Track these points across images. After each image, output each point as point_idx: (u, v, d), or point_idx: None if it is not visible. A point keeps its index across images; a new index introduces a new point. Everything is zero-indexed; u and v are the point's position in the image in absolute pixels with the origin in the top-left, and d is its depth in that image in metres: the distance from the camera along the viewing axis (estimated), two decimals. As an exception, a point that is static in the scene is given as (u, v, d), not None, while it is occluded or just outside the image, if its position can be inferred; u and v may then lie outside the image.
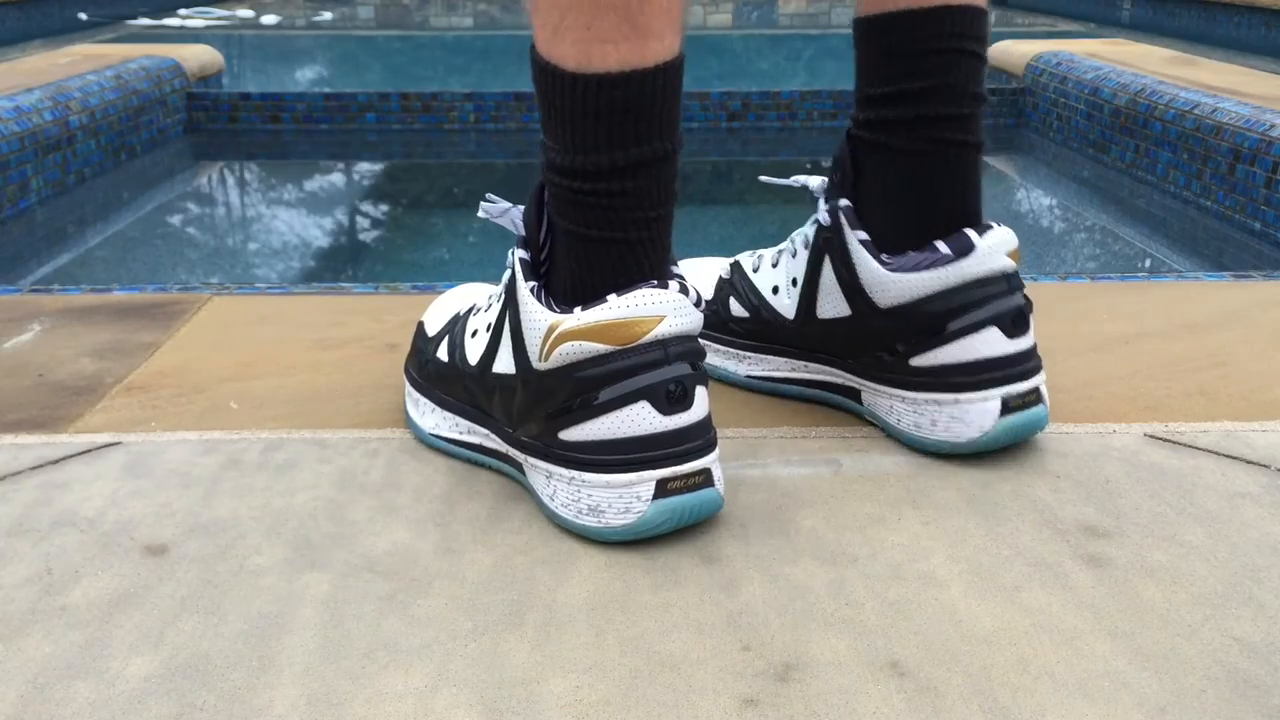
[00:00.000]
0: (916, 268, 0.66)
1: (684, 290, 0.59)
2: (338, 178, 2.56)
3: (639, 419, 0.58)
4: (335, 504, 0.63)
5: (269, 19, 5.49)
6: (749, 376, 0.77)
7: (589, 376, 0.58)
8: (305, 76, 4.01)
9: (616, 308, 0.57)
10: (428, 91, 2.67)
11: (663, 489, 0.58)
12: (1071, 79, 2.46)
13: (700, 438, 0.59)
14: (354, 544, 0.59)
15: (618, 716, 0.47)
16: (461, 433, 0.67)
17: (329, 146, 2.66)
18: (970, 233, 0.65)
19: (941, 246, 0.66)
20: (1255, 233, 1.77)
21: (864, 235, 0.68)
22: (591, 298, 0.59)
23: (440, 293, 0.99)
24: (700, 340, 0.80)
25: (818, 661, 0.50)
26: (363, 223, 2.23)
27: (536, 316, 0.59)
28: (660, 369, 0.58)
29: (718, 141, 2.65)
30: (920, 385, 0.67)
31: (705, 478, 0.59)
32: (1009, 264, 0.66)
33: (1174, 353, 0.85)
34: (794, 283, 0.73)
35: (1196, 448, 0.70)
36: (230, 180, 2.52)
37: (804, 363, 0.74)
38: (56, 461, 0.68)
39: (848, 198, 0.69)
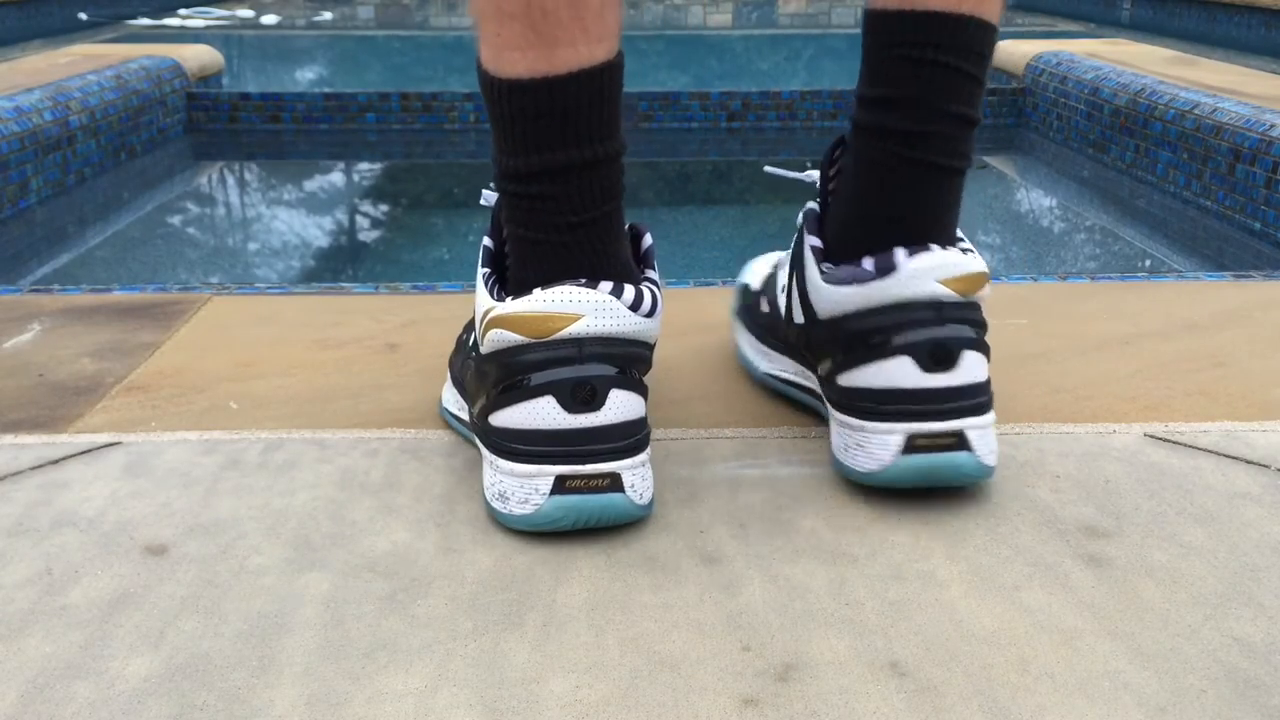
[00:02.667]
0: (840, 281, 0.63)
1: (618, 293, 0.58)
2: (338, 178, 2.56)
3: (543, 413, 0.58)
4: (335, 504, 0.63)
5: (269, 19, 5.49)
6: (765, 373, 0.77)
7: (509, 364, 0.59)
8: (305, 76, 4.01)
9: (535, 301, 0.58)
10: (428, 91, 2.67)
11: (561, 485, 0.58)
12: (1071, 79, 2.46)
13: (610, 441, 0.58)
14: (354, 544, 0.59)
15: (618, 716, 0.47)
16: (458, 410, 0.70)
17: (329, 146, 2.66)
18: (899, 252, 0.61)
19: (867, 263, 0.62)
20: (1255, 233, 1.77)
21: (815, 241, 0.66)
22: (524, 290, 0.59)
23: (441, 292, 1.00)
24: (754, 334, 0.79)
25: (818, 661, 0.50)
26: (363, 223, 2.22)
27: (481, 301, 0.61)
28: (569, 367, 0.58)
29: (718, 141, 2.65)
30: (840, 405, 0.64)
31: (612, 482, 0.58)
32: (940, 291, 0.61)
33: (1174, 353, 0.85)
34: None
35: (1196, 448, 0.70)
36: (230, 180, 2.52)
37: (800, 366, 0.73)
38: (56, 461, 0.68)
39: (823, 198, 0.68)
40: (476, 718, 0.47)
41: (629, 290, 0.59)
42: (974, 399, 0.62)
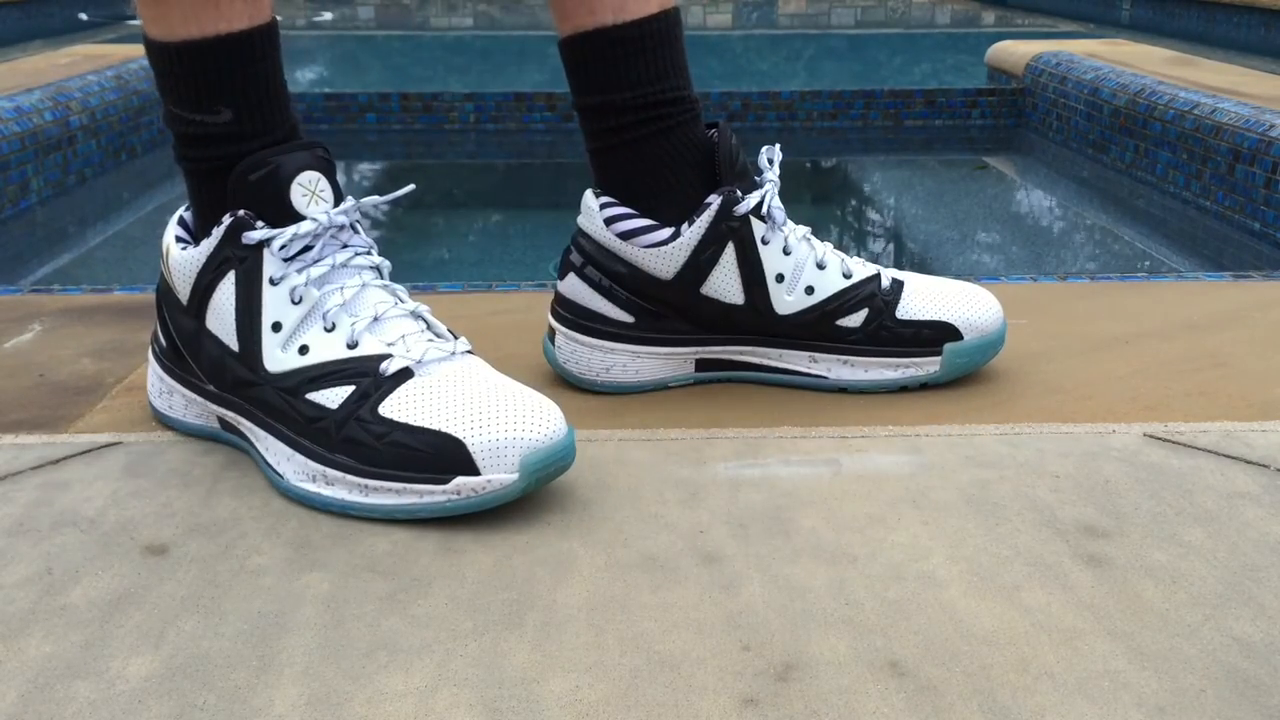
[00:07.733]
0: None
1: None
2: (338, 178, 2.56)
3: None
4: (335, 504, 0.63)
5: (269, 19, 5.48)
6: None
7: None
8: (305, 76, 4.01)
9: None
10: (428, 91, 2.67)
11: None
12: (1071, 79, 2.46)
13: None
14: (354, 544, 0.59)
15: (618, 716, 0.47)
16: None
17: (329, 146, 2.66)
18: None
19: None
20: (1255, 233, 1.77)
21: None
22: None
23: (440, 292, 1.00)
24: None
25: (818, 661, 0.50)
26: (363, 223, 2.22)
27: None
28: None
29: (718, 142, 2.65)
30: None
31: None
32: None
33: (1174, 353, 0.85)
34: None
35: (1196, 448, 0.70)
36: (230, 180, 2.52)
37: None
38: (57, 461, 0.68)
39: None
40: (476, 718, 0.47)
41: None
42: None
